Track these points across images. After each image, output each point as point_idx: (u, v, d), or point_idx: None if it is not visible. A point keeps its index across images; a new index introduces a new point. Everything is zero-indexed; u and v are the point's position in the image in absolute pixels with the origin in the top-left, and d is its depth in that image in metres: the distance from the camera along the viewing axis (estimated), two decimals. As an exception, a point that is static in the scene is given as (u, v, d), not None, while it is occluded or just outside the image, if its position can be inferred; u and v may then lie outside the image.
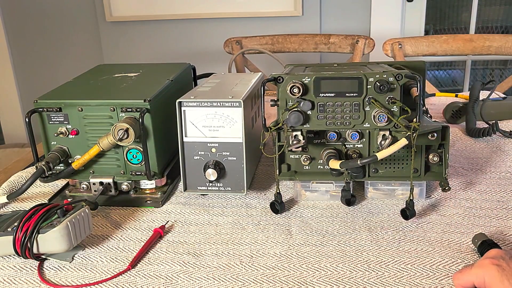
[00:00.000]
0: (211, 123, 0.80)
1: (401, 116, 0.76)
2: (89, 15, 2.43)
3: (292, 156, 0.83)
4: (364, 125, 0.78)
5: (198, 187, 0.83)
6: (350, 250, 0.68)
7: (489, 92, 1.15)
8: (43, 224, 0.65)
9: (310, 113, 0.78)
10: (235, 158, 0.81)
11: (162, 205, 0.84)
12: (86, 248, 0.71)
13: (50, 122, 0.82)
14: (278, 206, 0.79)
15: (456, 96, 1.29)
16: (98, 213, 0.82)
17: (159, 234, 0.74)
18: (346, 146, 0.81)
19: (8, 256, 0.69)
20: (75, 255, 0.69)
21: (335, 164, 0.77)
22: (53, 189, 0.91)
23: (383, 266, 0.64)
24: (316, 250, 0.69)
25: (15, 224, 0.66)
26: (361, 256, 0.66)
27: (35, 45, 2.53)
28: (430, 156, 0.79)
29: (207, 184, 0.83)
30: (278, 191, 0.80)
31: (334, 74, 0.77)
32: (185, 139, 0.81)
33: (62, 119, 0.82)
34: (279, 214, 0.79)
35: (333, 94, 0.77)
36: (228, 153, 0.81)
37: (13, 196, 0.81)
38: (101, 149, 0.80)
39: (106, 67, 1.08)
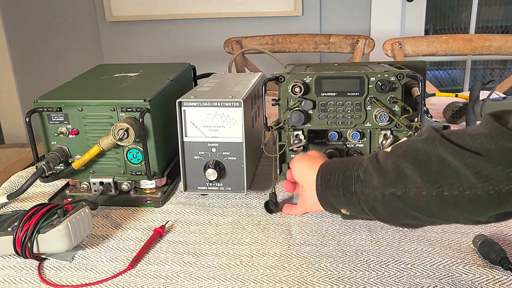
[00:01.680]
0: (211, 123, 0.80)
1: (403, 116, 0.76)
2: (89, 15, 2.43)
3: (293, 156, 0.83)
4: (366, 125, 0.78)
5: (198, 187, 0.83)
6: (350, 250, 0.68)
7: (489, 92, 1.15)
8: (43, 224, 0.65)
9: (312, 112, 0.78)
10: (235, 158, 0.81)
11: (162, 205, 0.84)
12: (86, 248, 0.71)
13: (50, 122, 0.82)
14: (272, 206, 0.79)
15: (456, 96, 1.29)
16: (98, 213, 0.81)
17: (159, 234, 0.73)
18: (347, 145, 0.81)
19: (8, 256, 0.69)
20: (75, 255, 0.69)
21: (335, 164, 0.76)
22: (53, 189, 0.91)
23: (383, 266, 0.64)
24: (316, 250, 0.69)
25: (15, 224, 0.66)
26: (361, 256, 0.66)
27: (35, 45, 2.53)
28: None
29: (207, 184, 0.83)
30: (273, 190, 0.80)
31: (336, 73, 0.77)
32: (185, 139, 0.81)
33: (62, 119, 0.82)
34: (279, 214, 0.79)
35: (334, 94, 0.77)
36: (228, 153, 0.81)
37: (13, 196, 0.81)
38: (101, 149, 0.80)
39: (106, 67, 1.08)
